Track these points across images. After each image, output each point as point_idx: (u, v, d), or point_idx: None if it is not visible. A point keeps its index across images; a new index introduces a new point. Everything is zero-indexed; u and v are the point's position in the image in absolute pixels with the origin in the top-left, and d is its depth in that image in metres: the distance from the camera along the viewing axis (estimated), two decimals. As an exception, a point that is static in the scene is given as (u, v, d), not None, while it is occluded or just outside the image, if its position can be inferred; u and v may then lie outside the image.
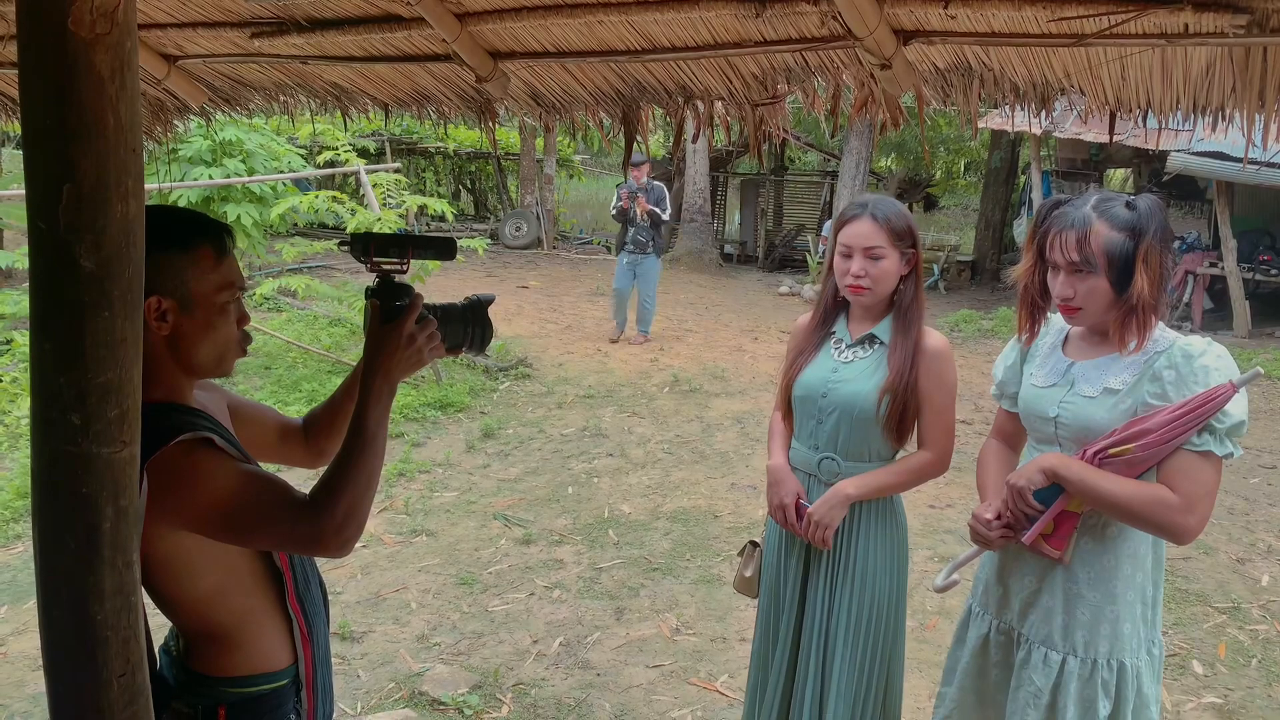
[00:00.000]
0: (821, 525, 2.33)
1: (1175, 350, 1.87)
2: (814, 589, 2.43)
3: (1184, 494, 1.81)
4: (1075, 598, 1.99)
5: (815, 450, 2.41)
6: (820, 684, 2.40)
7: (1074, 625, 1.99)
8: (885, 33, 1.71)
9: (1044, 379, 2.08)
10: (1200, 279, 11.41)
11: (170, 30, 2.27)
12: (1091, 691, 1.97)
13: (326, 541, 1.40)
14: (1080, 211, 1.92)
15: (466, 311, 1.62)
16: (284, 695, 1.58)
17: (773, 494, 2.46)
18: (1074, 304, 1.95)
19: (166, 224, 1.44)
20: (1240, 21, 1.44)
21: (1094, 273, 1.89)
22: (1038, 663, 2.02)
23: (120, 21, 0.95)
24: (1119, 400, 1.92)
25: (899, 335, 2.34)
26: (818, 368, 2.42)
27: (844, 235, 2.34)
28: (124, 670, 1.10)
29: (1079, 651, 1.98)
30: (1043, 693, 2.00)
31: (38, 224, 0.97)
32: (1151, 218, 1.89)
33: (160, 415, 1.41)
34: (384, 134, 15.73)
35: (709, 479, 5.81)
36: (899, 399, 2.30)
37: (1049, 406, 2.03)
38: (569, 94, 2.32)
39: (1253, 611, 4.24)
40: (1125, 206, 1.90)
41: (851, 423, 2.34)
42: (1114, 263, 1.88)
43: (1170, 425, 1.80)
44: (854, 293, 2.35)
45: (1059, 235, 1.93)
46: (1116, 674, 1.98)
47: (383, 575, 4.41)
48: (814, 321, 2.50)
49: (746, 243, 17.56)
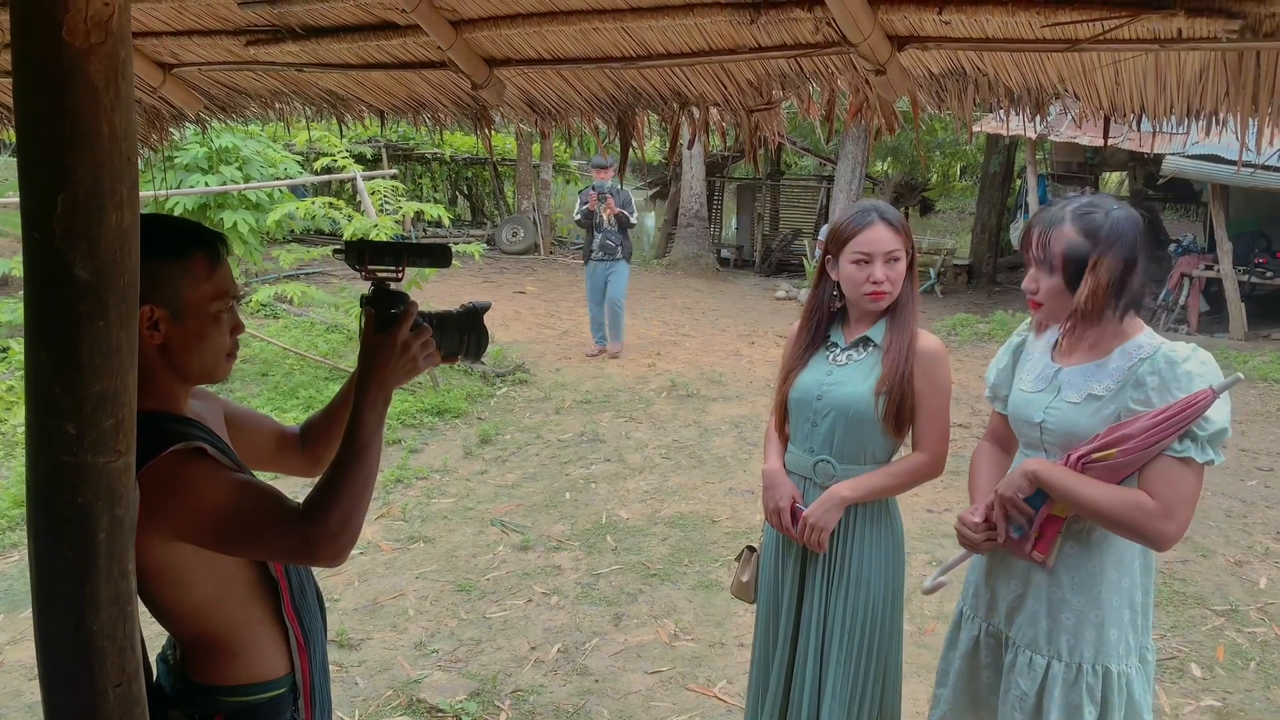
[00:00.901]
0: (817, 528, 2.33)
1: (1159, 356, 1.88)
2: (810, 592, 2.43)
3: (1163, 500, 1.82)
4: (1059, 602, 2.00)
5: (810, 453, 2.42)
6: (817, 687, 2.40)
7: (1058, 630, 1.99)
8: (879, 39, 1.71)
9: (1032, 384, 2.09)
10: (1196, 282, 11.42)
11: (165, 38, 2.27)
12: (1076, 696, 1.97)
13: (320, 551, 1.39)
14: (1057, 211, 1.97)
15: (462, 319, 1.62)
16: (281, 704, 1.57)
17: (768, 498, 2.47)
18: (1037, 298, 2.00)
19: (160, 233, 1.43)
20: (1233, 26, 1.45)
21: (1054, 272, 1.94)
22: (1023, 666, 2.03)
23: (114, 31, 0.95)
24: (1101, 406, 1.93)
25: (894, 334, 2.35)
26: (813, 371, 2.43)
27: (860, 243, 2.30)
28: (120, 680, 1.10)
29: (1063, 656, 1.99)
30: (1028, 696, 2.01)
31: (33, 233, 0.97)
32: (1118, 231, 1.89)
33: (153, 425, 1.40)
34: (380, 140, 15.73)
35: (707, 484, 5.81)
36: (895, 393, 2.30)
37: (1035, 412, 2.05)
38: (564, 100, 2.32)
39: (1251, 614, 4.24)
40: (1103, 214, 1.92)
41: (847, 424, 2.35)
42: (1068, 265, 1.92)
43: (1151, 431, 1.81)
44: (875, 299, 2.32)
45: (1035, 230, 2.00)
46: (1102, 679, 1.98)
47: (380, 582, 4.40)
48: (806, 330, 2.49)
49: (743, 247, 17.58)
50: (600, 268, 9.00)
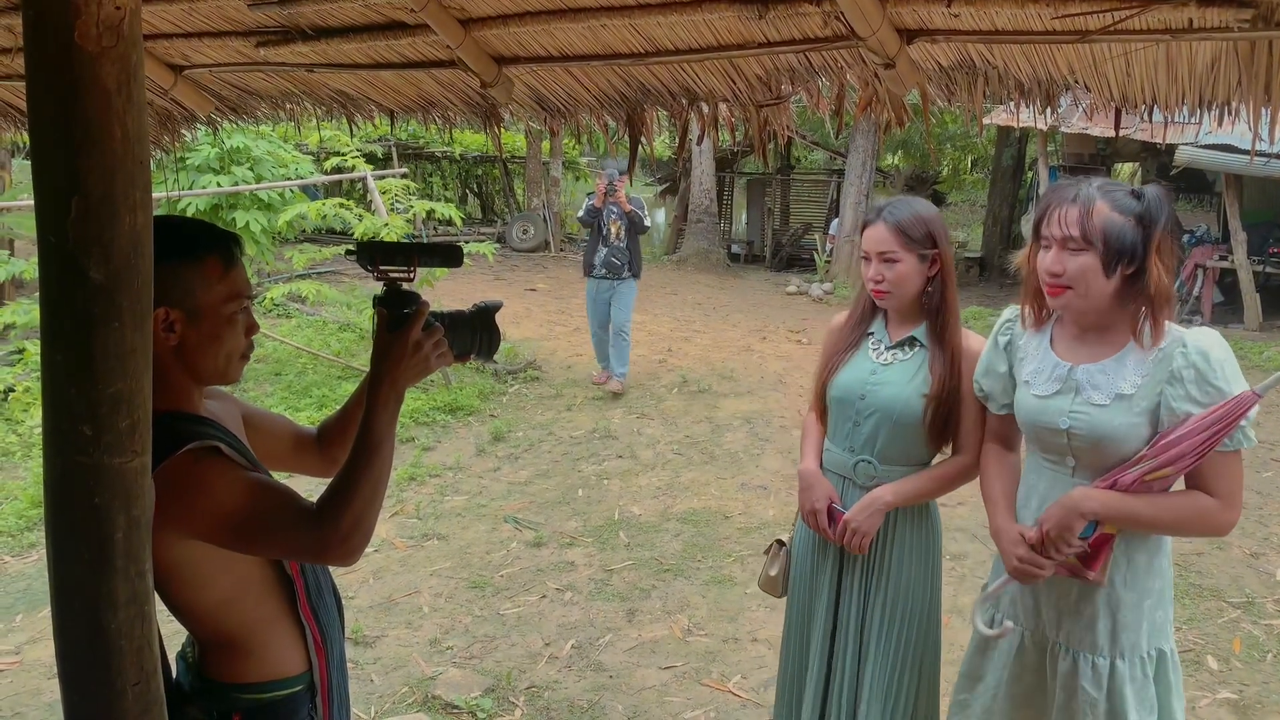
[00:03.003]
0: (859, 533, 2.30)
1: (1190, 349, 1.84)
2: (848, 593, 2.40)
3: (1223, 494, 1.83)
4: (1115, 601, 1.96)
5: (851, 453, 2.38)
6: (854, 688, 2.38)
7: (1119, 629, 1.96)
8: (888, 32, 1.70)
9: (1043, 387, 2.00)
10: (1210, 272, 11.35)
11: (176, 40, 2.28)
12: (1146, 689, 1.96)
13: (333, 550, 1.40)
14: (1084, 190, 1.89)
15: (474, 318, 1.63)
16: (298, 701, 1.58)
17: (804, 499, 2.43)
18: (1062, 281, 1.89)
19: (174, 235, 1.44)
20: (1245, 16, 1.44)
21: (1088, 250, 1.84)
22: (1086, 670, 1.97)
23: (126, 34, 0.95)
24: (1133, 404, 1.88)
25: (936, 341, 2.31)
26: (855, 369, 2.38)
27: (863, 241, 2.35)
28: (138, 679, 1.10)
29: (1126, 654, 1.96)
30: (1099, 701, 1.96)
31: (47, 236, 0.97)
32: (1161, 208, 1.86)
33: (168, 424, 1.41)
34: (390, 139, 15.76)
35: (719, 479, 5.81)
36: (944, 406, 2.27)
37: (1057, 418, 1.96)
38: (573, 98, 2.32)
39: (1267, 606, 4.21)
40: (1131, 195, 1.88)
41: (891, 426, 2.31)
42: (1110, 243, 1.83)
43: (1203, 443, 1.79)
44: (876, 296, 2.34)
45: (1059, 210, 1.89)
46: (1156, 661, 1.97)
47: (395, 579, 4.42)
48: (851, 320, 2.47)
49: (753, 242, 17.55)
50: (603, 286, 7.66)
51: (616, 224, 7.55)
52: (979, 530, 4.92)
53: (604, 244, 7.63)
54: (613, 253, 7.61)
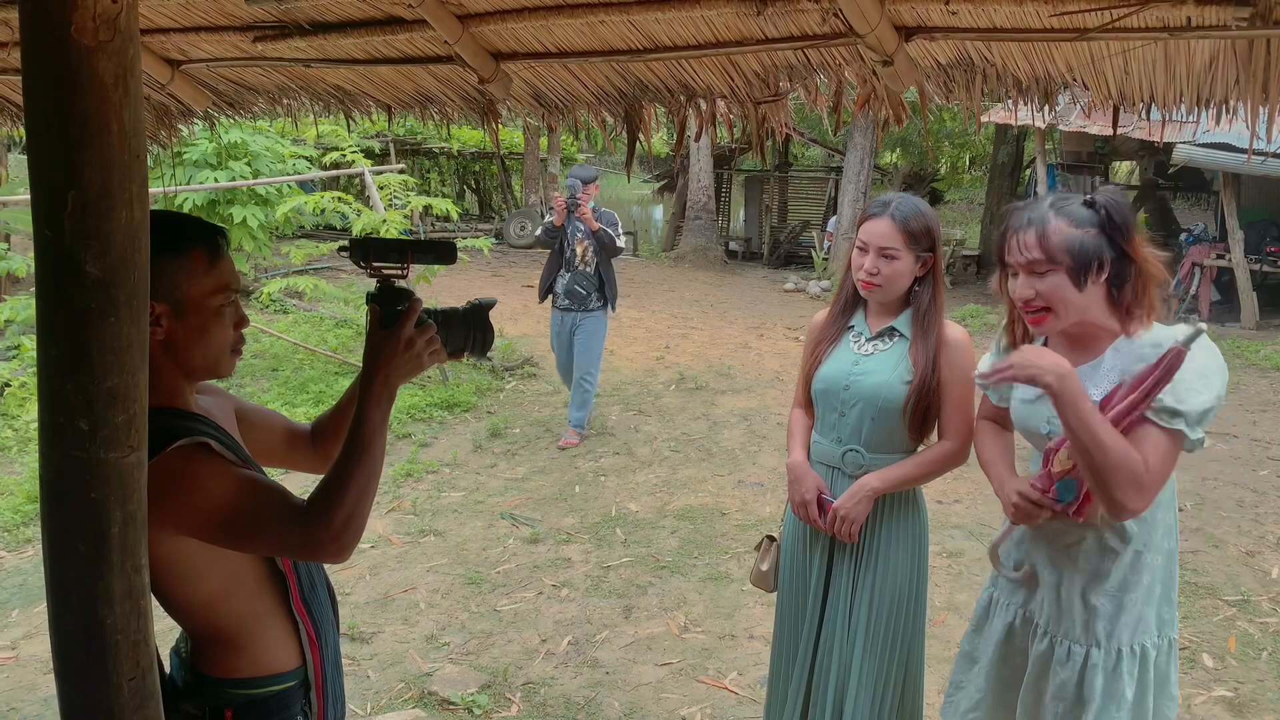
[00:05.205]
0: (848, 520, 2.35)
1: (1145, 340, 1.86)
2: (837, 581, 2.45)
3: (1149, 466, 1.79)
4: (1095, 591, 1.98)
5: (838, 443, 2.42)
6: (843, 674, 2.42)
7: (1095, 617, 1.98)
8: (887, 29, 1.70)
9: (1029, 393, 2.05)
10: (1207, 271, 11.36)
11: (173, 35, 2.28)
12: (1117, 683, 1.97)
13: (324, 547, 1.39)
14: (1037, 210, 1.90)
15: (467, 316, 1.62)
16: (291, 697, 1.58)
17: (794, 491, 2.47)
18: (1037, 303, 1.90)
19: (158, 228, 1.43)
20: (1243, 14, 1.44)
21: (1055, 269, 1.85)
22: (1061, 656, 2.02)
23: (123, 28, 0.95)
24: None
25: (919, 336, 2.36)
26: (838, 361, 2.43)
27: (863, 231, 2.37)
28: (134, 674, 1.10)
29: (1102, 643, 1.98)
30: (1068, 685, 2.00)
31: (44, 231, 0.97)
32: (1117, 210, 1.86)
33: (158, 420, 1.40)
34: (388, 135, 15.75)
35: (716, 476, 5.81)
36: (924, 398, 2.33)
37: (1040, 423, 2.02)
38: (571, 94, 2.32)
39: (1263, 604, 4.23)
40: (1085, 205, 1.89)
41: (875, 414, 2.36)
42: (1075, 257, 1.84)
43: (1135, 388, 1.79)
44: (866, 288, 2.38)
45: (1015, 235, 1.90)
46: (1139, 659, 1.98)
47: (391, 576, 4.42)
48: (832, 314, 2.51)
49: (751, 239, 17.55)
50: (567, 319, 6.33)
51: (583, 244, 6.21)
52: (976, 528, 4.93)
53: (567, 268, 6.27)
54: (577, 279, 6.25)
